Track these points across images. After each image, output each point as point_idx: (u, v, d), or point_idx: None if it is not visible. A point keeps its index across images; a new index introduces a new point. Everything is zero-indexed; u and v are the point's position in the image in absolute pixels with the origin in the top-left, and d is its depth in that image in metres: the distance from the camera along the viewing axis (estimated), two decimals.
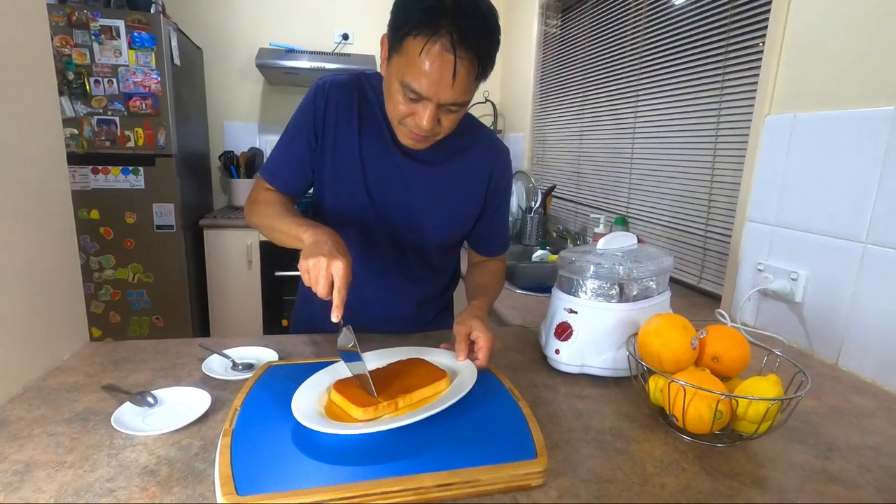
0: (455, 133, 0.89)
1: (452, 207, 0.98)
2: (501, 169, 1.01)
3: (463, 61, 0.72)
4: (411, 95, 0.76)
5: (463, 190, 0.97)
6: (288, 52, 2.67)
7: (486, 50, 0.74)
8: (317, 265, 0.70)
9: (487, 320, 0.85)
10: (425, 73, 0.73)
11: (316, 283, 0.71)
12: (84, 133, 2.20)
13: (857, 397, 0.84)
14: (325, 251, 0.71)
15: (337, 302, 0.70)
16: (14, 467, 0.57)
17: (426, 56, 0.71)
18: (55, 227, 0.86)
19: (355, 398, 0.64)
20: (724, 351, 0.72)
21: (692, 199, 1.54)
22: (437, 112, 0.78)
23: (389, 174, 0.93)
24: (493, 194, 1.00)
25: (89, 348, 0.91)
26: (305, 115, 0.92)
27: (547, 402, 0.77)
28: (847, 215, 0.96)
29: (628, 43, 1.88)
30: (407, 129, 0.82)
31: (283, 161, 0.95)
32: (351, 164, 0.92)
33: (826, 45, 1.01)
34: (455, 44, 0.70)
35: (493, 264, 1.09)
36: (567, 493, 0.56)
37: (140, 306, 2.41)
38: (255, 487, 0.50)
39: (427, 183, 0.95)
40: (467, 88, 0.76)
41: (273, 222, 0.87)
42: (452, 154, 0.95)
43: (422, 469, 0.54)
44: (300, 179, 0.96)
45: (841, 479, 0.60)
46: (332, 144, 0.92)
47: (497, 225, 1.06)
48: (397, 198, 0.94)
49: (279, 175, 0.96)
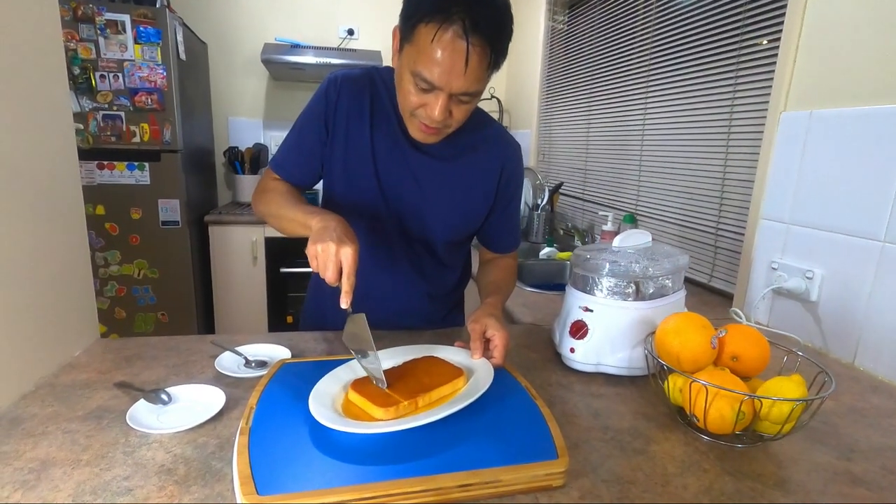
0: (467, 128, 0.88)
1: (462, 203, 0.97)
2: (513, 165, 1.00)
3: (475, 48, 0.71)
4: (423, 85, 0.75)
5: (473, 186, 0.97)
6: (293, 47, 2.66)
7: (498, 37, 0.73)
8: (325, 250, 0.70)
9: (502, 318, 0.84)
10: (437, 62, 0.72)
11: (325, 268, 0.70)
12: (89, 128, 2.19)
13: (875, 397, 0.83)
14: (334, 237, 0.71)
15: (346, 288, 0.70)
16: (30, 465, 0.56)
17: (438, 43, 0.71)
18: (66, 223, 0.85)
19: (375, 398, 0.63)
20: (744, 350, 0.71)
21: (703, 196, 1.53)
22: (449, 103, 0.77)
23: (400, 168, 0.92)
24: (503, 190, 0.99)
25: (100, 345, 0.90)
26: (317, 108, 0.91)
27: (563, 401, 0.76)
28: (865, 214, 0.95)
29: (637, 37, 1.86)
30: (418, 120, 0.81)
31: (292, 152, 0.95)
32: (362, 158, 0.92)
33: (844, 41, 1.00)
34: (467, 30, 0.70)
35: (505, 261, 1.08)
36: (589, 493, 0.55)
37: (145, 302, 2.41)
38: (275, 487, 0.49)
39: (438, 178, 0.94)
40: (480, 77, 0.75)
41: (280, 210, 0.86)
42: (464, 150, 0.94)
43: (442, 469, 0.53)
44: (308, 171, 0.96)
45: (865, 481, 0.60)
46: (343, 137, 0.91)
47: (508, 222, 1.05)
48: (408, 192, 0.94)
49: (287, 166, 0.95)
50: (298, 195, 0.92)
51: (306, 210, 0.81)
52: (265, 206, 0.91)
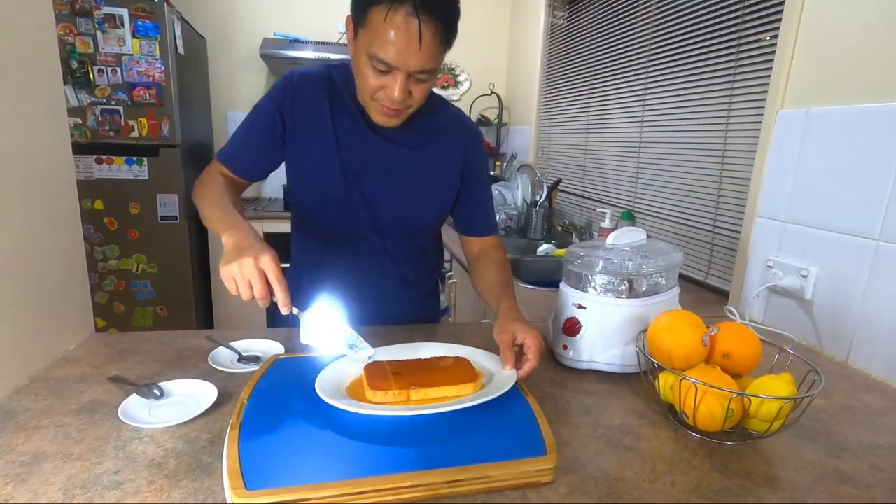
0: (427, 112, 0.90)
1: (433, 189, 0.98)
2: (475, 144, 1.02)
3: (427, 25, 0.73)
4: (380, 67, 0.77)
5: (442, 170, 0.98)
6: (292, 42, 2.65)
7: (448, 13, 0.76)
8: (243, 266, 0.64)
9: (525, 319, 0.81)
10: (391, 41, 0.74)
11: (247, 286, 0.64)
12: (87, 123, 2.19)
13: (867, 396, 0.83)
14: (248, 251, 0.66)
15: (284, 298, 0.65)
16: (22, 458, 0.56)
17: (390, 24, 0.72)
18: (61, 217, 0.85)
19: (374, 379, 0.65)
20: (735, 348, 0.71)
21: (701, 194, 1.52)
22: (408, 82, 0.79)
23: (367, 159, 0.93)
24: (469, 170, 1.01)
25: (95, 339, 0.91)
26: (272, 103, 0.91)
27: (554, 398, 0.76)
28: (860, 212, 0.95)
29: (637, 34, 1.85)
30: (378, 104, 0.83)
31: (241, 145, 0.94)
32: (327, 151, 0.92)
33: (842, 38, 0.99)
34: (418, 8, 0.72)
35: (495, 255, 1.04)
36: (577, 490, 0.55)
37: (144, 297, 2.42)
38: (264, 482, 0.50)
39: (406, 167, 0.95)
40: (434, 54, 0.77)
41: (206, 210, 0.83)
42: (429, 136, 0.96)
43: (431, 465, 0.54)
44: (256, 165, 0.95)
45: (853, 479, 0.60)
46: (305, 133, 0.92)
47: (482, 202, 1.05)
48: (377, 182, 0.94)
49: (235, 158, 0.94)
50: (228, 196, 0.86)
51: (223, 220, 0.76)
52: (199, 199, 0.87)
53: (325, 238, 1.00)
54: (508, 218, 2.44)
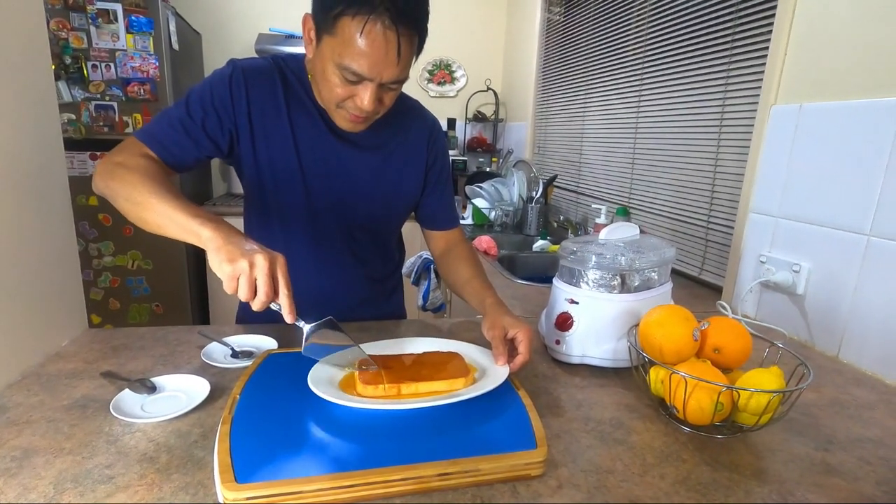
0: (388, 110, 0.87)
1: (397, 189, 0.98)
2: (436, 136, 1.01)
3: (404, 37, 0.71)
4: (351, 77, 0.74)
5: (405, 168, 0.97)
6: (287, 37, 2.64)
7: (422, 21, 0.74)
8: (255, 265, 0.59)
9: (512, 313, 0.81)
10: (366, 54, 0.71)
11: (250, 287, 0.59)
12: (82, 118, 2.18)
13: (857, 390, 0.84)
14: (256, 248, 0.61)
15: (289, 304, 0.62)
16: (13, 453, 0.56)
17: (367, 36, 0.69)
18: (53, 213, 0.85)
19: (366, 374, 0.65)
20: (726, 342, 0.72)
21: (695, 189, 1.53)
22: (379, 91, 0.76)
23: (328, 161, 0.90)
24: (432, 165, 1.00)
25: (88, 335, 0.91)
26: (217, 93, 0.83)
27: (547, 392, 0.76)
28: (851, 207, 0.95)
29: (632, 31, 1.85)
30: (346, 111, 0.80)
31: (174, 129, 0.82)
32: (286, 153, 0.88)
33: (834, 34, 1.00)
34: (395, 20, 0.69)
35: (464, 250, 1.03)
36: (567, 483, 0.56)
37: (139, 293, 2.41)
38: (255, 475, 0.50)
39: (369, 169, 0.93)
40: (408, 64, 0.76)
41: (149, 199, 0.69)
42: (389, 133, 0.94)
43: (422, 458, 0.54)
44: (189, 153, 0.83)
45: (840, 472, 0.60)
46: (262, 134, 0.86)
47: (444, 195, 1.05)
48: (340, 184, 0.92)
49: (165, 142, 0.81)
50: (170, 184, 0.74)
51: (190, 211, 0.67)
52: (120, 185, 0.72)
53: (287, 240, 0.95)
54: (504, 214, 2.44)
